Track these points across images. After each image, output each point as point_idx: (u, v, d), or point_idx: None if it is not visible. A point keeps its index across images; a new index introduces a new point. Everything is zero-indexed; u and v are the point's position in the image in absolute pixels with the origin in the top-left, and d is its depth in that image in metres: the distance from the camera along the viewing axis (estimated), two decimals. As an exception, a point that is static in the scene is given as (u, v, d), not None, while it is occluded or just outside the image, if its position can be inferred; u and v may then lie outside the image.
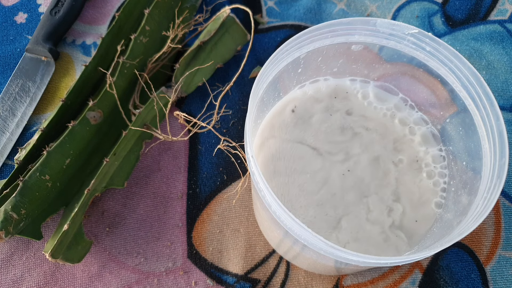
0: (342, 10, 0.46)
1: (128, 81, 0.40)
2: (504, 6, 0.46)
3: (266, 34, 0.45)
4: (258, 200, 0.30)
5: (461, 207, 0.29)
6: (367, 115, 0.35)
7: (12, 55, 0.44)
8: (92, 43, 0.45)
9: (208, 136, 0.41)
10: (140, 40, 0.40)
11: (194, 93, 0.42)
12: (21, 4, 0.47)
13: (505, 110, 0.42)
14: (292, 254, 0.34)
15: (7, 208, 0.33)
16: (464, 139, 0.31)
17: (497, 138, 0.27)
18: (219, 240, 0.38)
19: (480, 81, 0.28)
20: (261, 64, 0.44)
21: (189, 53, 0.41)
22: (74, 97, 0.38)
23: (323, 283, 0.36)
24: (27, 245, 0.37)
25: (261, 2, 0.46)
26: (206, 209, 0.39)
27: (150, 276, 0.37)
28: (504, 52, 0.44)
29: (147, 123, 0.39)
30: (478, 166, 0.29)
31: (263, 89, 0.30)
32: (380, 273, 0.37)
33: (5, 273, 0.36)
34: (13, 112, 0.41)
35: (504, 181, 0.26)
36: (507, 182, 0.39)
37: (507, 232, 0.38)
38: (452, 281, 0.36)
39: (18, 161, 0.36)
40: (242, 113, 0.42)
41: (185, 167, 0.40)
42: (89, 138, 0.37)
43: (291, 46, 0.30)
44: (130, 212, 0.39)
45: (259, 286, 0.36)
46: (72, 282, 0.36)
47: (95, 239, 0.38)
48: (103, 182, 0.36)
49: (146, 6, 0.41)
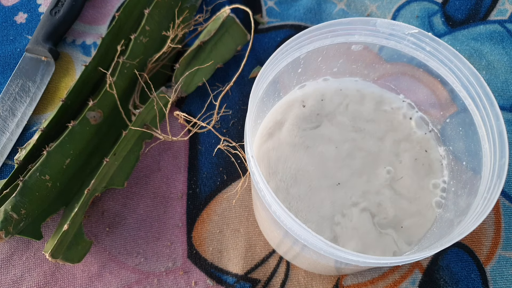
0: (342, 10, 0.46)
1: (128, 81, 0.40)
2: (504, 6, 0.46)
3: (266, 34, 0.45)
4: (258, 200, 0.30)
5: (461, 207, 0.29)
6: (367, 115, 0.35)
7: (12, 55, 0.44)
8: (92, 43, 0.45)
9: (208, 136, 0.41)
10: (140, 40, 0.40)
11: (194, 93, 0.42)
12: (21, 4, 0.47)
13: (505, 110, 0.42)
14: (292, 254, 0.34)
15: (7, 208, 0.33)
16: (464, 139, 0.31)
17: (497, 138, 0.27)
18: (219, 240, 0.38)
19: (480, 81, 0.28)
20: (261, 64, 0.44)
21: (189, 53, 0.41)
22: (74, 97, 0.38)
23: (323, 283, 0.36)
24: (27, 245, 0.37)
25: (261, 2, 0.46)
26: (206, 209, 0.39)
27: (150, 276, 0.37)
28: (504, 52, 0.44)
29: (147, 123, 0.39)
30: (478, 166, 0.29)
31: (263, 89, 0.30)
32: (380, 273, 0.37)
33: (5, 273, 0.36)
34: (13, 112, 0.41)
35: (504, 181, 0.26)
36: (507, 182, 0.39)
37: (507, 232, 0.38)
38: (452, 281, 0.36)
39: (18, 161, 0.36)
40: (242, 113, 0.42)
41: (185, 167, 0.40)
42: (89, 138, 0.37)
43: (291, 46, 0.30)
44: (130, 212, 0.39)
45: (259, 286, 0.36)
46: (72, 282, 0.36)
47: (95, 239, 0.38)
48: (103, 182, 0.36)
49: (146, 6, 0.41)
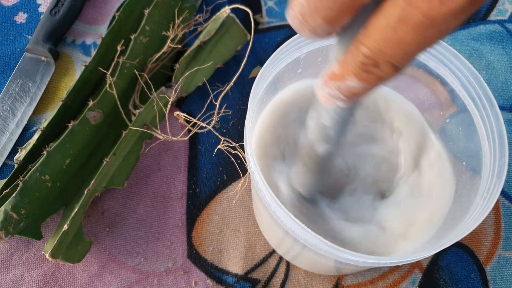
0: (342, 10, 0.46)
1: (128, 81, 0.40)
2: (504, 6, 0.46)
3: (266, 34, 0.45)
4: (258, 200, 0.30)
5: (461, 207, 0.29)
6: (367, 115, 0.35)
7: (12, 55, 0.44)
8: (92, 43, 0.45)
9: (208, 136, 0.41)
10: (140, 40, 0.40)
11: (194, 93, 0.42)
12: (21, 4, 0.47)
13: (505, 110, 0.42)
14: (292, 254, 0.34)
15: (7, 208, 0.33)
16: (464, 139, 0.31)
17: (497, 138, 0.27)
18: (219, 240, 0.38)
19: (480, 81, 0.28)
20: (261, 64, 0.44)
21: (189, 53, 0.41)
22: (74, 97, 0.38)
23: (323, 283, 0.36)
24: (27, 245, 0.37)
25: (261, 2, 0.46)
26: (206, 209, 0.39)
27: (150, 276, 0.37)
28: (504, 52, 0.44)
29: (147, 123, 0.39)
30: (478, 166, 0.29)
31: (263, 89, 0.30)
32: (380, 273, 0.37)
33: (5, 273, 0.36)
34: (13, 112, 0.41)
35: (504, 181, 0.26)
36: (507, 182, 0.39)
37: (507, 232, 0.38)
38: (452, 281, 0.36)
39: (18, 161, 0.36)
40: (242, 113, 0.42)
41: (185, 167, 0.40)
42: (89, 138, 0.37)
43: (291, 46, 0.30)
44: (130, 212, 0.39)
45: (259, 286, 0.36)
46: (72, 282, 0.36)
47: (95, 239, 0.38)
48: (103, 182, 0.36)
49: (146, 6, 0.41)
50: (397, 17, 0.15)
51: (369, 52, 0.17)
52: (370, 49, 0.17)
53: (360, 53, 0.17)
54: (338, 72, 0.18)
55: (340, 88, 0.19)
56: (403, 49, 0.16)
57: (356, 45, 0.17)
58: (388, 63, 0.17)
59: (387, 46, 0.16)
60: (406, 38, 0.16)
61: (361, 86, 0.18)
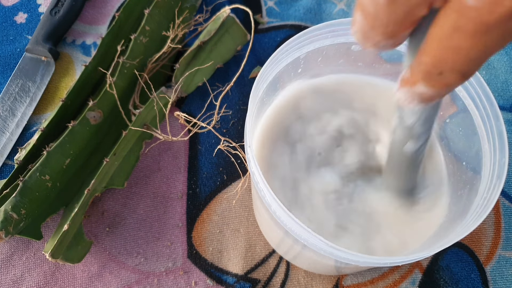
0: (342, 10, 0.46)
1: (128, 81, 0.40)
2: (504, 6, 0.46)
3: (266, 34, 0.45)
4: (258, 200, 0.30)
5: (461, 207, 0.29)
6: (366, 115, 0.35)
7: (12, 55, 0.44)
8: (92, 43, 0.45)
9: (208, 136, 0.41)
10: (140, 40, 0.40)
11: (194, 93, 0.42)
12: (21, 4, 0.47)
13: (505, 110, 0.42)
14: (292, 254, 0.34)
15: (7, 208, 0.33)
16: (464, 139, 0.31)
17: (497, 138, 0.27)
18: (219, 240, 0.38)
19: (480, 81, 0.28)
20: (261, 64, 0.44)
21: (189, 53, 0.41)
22: (74, 97, 0.38)
23: (323, 283, 0.36)
24: (27, 245, 0.37)
25: (261, 2, 0.46)
26: (206, 209, 0.39)
27: (150, 276, 0.37)
28: (504, 52, 0.44)
29: (147, 123, 0.39)
30: (478, 166, 0.29)
31: (263, 89, 0.30)
32: (380, 273, 0.37)
33: (5, 273, 0.36)
34: (13, 112, 0.41)
35: (504, 181, 0.26)
36: (507, 182, 0.39)
37: (507, 232, 0.38)
38: (452, 281, 0.36)
39: (18, 161, 0.36)
40: (242, 113, 0.42)
41: (185, 167, 0.40)
42: (89, 138, 0.37)
43: (291, 46, 0.29)
44: (130, 212, 0.39)
45: (259, 286, 0.36)
46: (72, 282, 0.36)
47: (95, 239, 0.38)
48: (103, 182, 0.36)
49: (146, 6, 0.41)
50: (451, 27, 0.15)
51: (430, 61, 0.17)
52: (431, 58, 0.17)
53: (423, 62, 0.17)
54: (409, 78, 0.19)
55: (412, 92, 0.19)
56: (464, 56, 0.16)
57: (420, 53, 0.18)
58: (452, 70, 0.17)
59: (446, 54, 0.16)
60: (464, 45, 0.16)
61: (431, 91, 0.18)
